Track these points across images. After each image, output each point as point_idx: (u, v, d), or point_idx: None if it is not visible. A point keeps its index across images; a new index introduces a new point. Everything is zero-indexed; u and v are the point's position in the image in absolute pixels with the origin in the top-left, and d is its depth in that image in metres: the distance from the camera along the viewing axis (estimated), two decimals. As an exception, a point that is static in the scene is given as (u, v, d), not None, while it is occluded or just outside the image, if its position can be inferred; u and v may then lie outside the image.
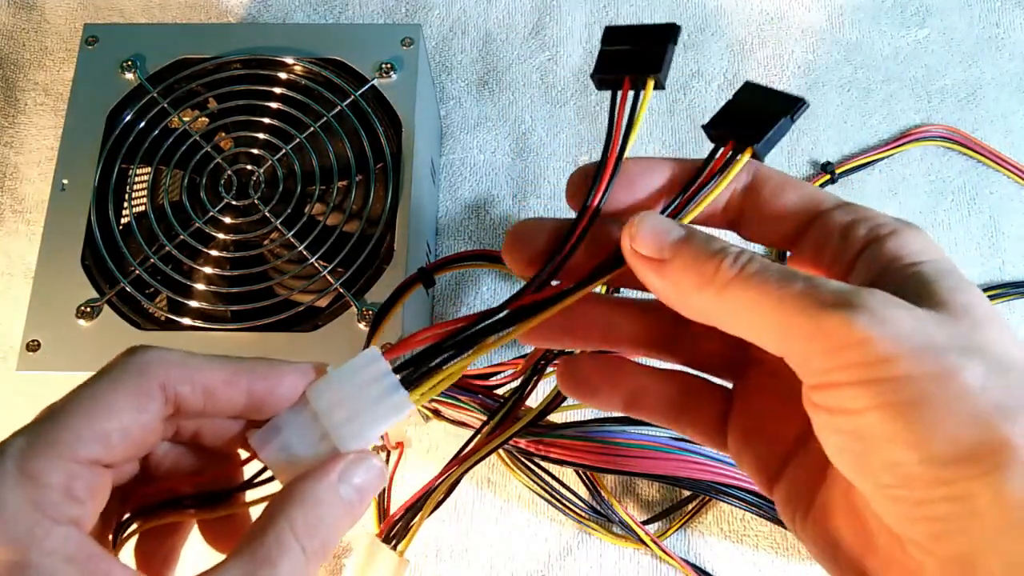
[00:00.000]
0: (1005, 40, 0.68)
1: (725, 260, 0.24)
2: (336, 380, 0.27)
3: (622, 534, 0.53)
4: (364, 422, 0.26)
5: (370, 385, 0.26)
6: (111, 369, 0.25)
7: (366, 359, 0.27)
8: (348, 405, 0.26)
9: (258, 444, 0.26)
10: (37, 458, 0.23)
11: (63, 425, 0.24)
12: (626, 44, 0.28)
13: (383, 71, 0.54)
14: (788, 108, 0.27)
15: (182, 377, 0.26)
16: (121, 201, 0.52)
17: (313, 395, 0.27)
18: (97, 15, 0.70)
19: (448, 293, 0.61)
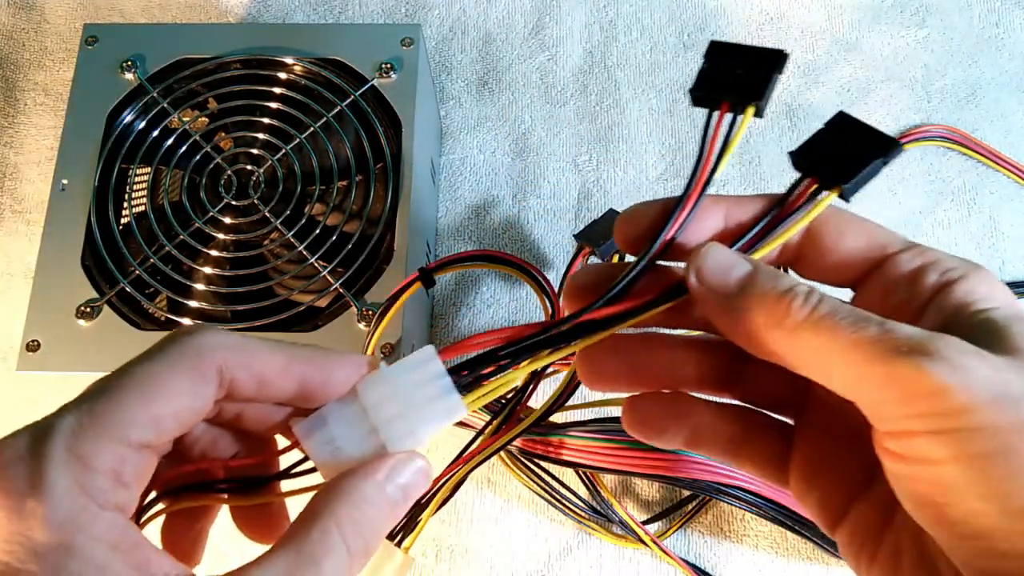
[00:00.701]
0: (1005, 40, 0.68)
1: (794, 300, 0.23)
2: (389, 376, 0.26)
3: (622, 534, 0.53)
4: (415, 422, 0.26)
5: (424, 385, 0.26)
6: (167, 349, 0.24)
7: (421, 358, 0.26)
8: (399, 403, 0.26)
9: (303, 434, 0.26)
10: (88, 439, 0.22)
11: (116, 405, 0.23)
12: (729, 64, 0.27)
13: (383, 71, 0.54)
14: (883, 149, 0.26)
15: (239, 362, 0.25)
16: (121, 201, 0.52)
17: (364, 389, 0.26)
18: (97, 15, 0.70)
19: (448, 293, 0.61)
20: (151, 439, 0.23)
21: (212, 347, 0.25)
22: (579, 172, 0.64)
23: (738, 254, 0.25)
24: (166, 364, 0.24)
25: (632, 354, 0.28)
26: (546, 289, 0.46)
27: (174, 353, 0.24)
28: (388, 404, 0.26)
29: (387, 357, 0.47)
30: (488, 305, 0.60)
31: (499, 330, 0.27)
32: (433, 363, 0.26)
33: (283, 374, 0.26)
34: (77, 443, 0.22)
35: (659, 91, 0.67)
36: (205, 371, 0.24)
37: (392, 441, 0.26)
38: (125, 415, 0.23)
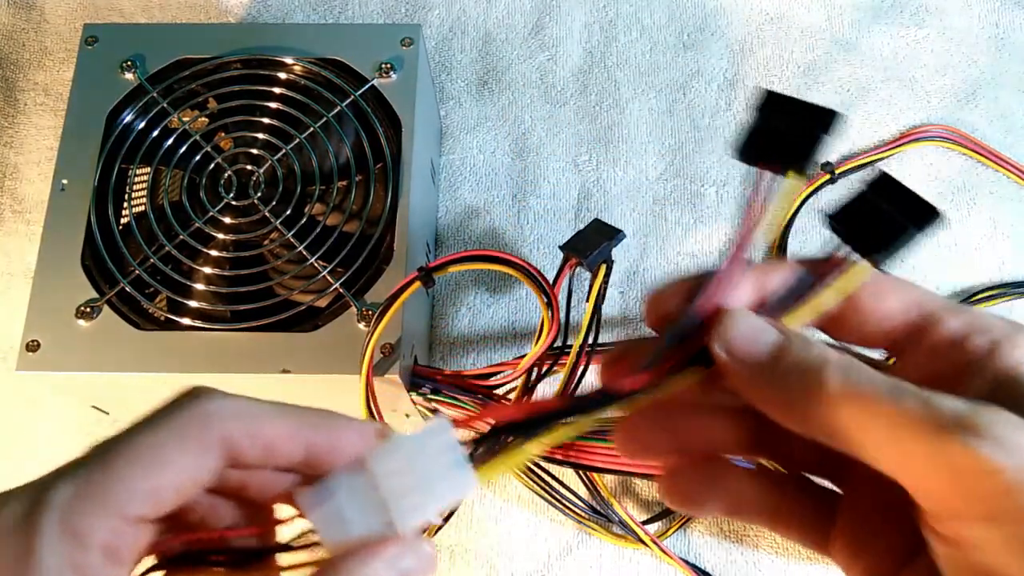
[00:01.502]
0: (1005, 40, 0.68)
1: (828, 372, 0.22)
2: (400, 447, 0.25)
3: (622, 534, 0.53)
4: (425, 496, 0.25)
5: (436, 457, 0.25)
6: (170, 416, 0.23)
7: (435, 428, 0.25)
8: (410, 475, 0.25)
9: (309, 505, 0.25)
10: (84, 514, 0.21)
11: (115, 478, 0.22)
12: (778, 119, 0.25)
13: (383, 71, 0.54)
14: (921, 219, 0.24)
15: (245, 431, 0.24)
16: (121, 201, 0.52)
17: (375, 460, 0.25)
18: (97, 15, 0.70)
19: (448, 293, 0.61)
20: (149, 513, 0.22)
21: (218, 416, 0.24)
22: (579, 172, 0.64)
23: (767, 321, 0.24)
24: (168, 434, 0.23)
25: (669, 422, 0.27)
26: (546, 289, 0.46)
27: (177, 422, 0.23)
28: (399, 476, 0.25)
29: (386, 357, 0.47)
30: (488, 305, 0.60)
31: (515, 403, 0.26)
32: (446, 434, 0.25)
33: (290, 441, 0.25)
34: (72, 517, 0.21)
35: (659, 91, 0.67)
36: (209, 442, 0.23)
37: (402, 516, 0.25)
38: (123, 488, 0.22)
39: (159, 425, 0.23)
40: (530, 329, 0.60)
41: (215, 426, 0.23)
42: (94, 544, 0.21)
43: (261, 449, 0.24)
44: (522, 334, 0.60)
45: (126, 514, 0.22)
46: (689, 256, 0.61)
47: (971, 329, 0.23)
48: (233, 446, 0.24)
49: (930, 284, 0.60)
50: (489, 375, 0.50)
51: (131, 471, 0.22)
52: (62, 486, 0.21)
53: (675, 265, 0.61)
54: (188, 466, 0.23)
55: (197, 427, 0.23)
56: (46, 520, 0.21)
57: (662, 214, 0.63)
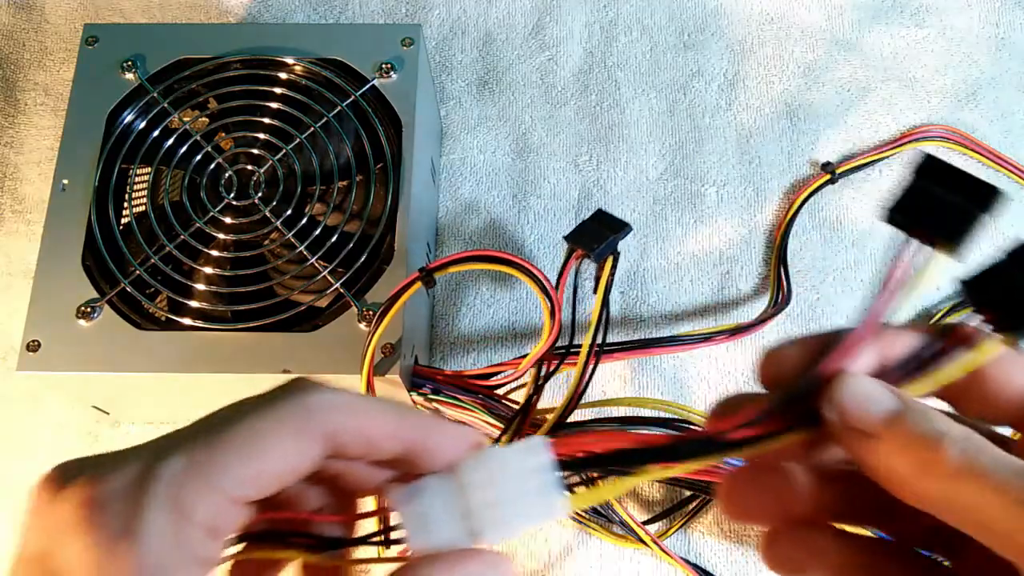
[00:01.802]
0: (1005, 40, 0.68)
1: (948, 446, 0.21)
2: (495, 459, 0.25)
3: (622, 534, 0.53)
4: (512, 513, 0.25)
5: (529, 476, 0.25)
6: (277, 404, 0.24)
7: (532, 447, 0.25)
8: (500, 489, 0.25)
9: (398, 502, 0.25)
10: (190, 489, 0.22)
11: (222, 458, 0.22)
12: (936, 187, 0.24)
13: (383, 71, 0.54)
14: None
15: (349, 425, 0.24)
16: (121, 201, 0.52)
17: (467, 468, 0.25)
18: (97, 15, 0.70)
19: (449, 293, 0.61)
20: (250, 495, 0.23)
21: (324, 408, 0.24)
22: (579, 172, 0.64)
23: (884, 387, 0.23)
24: (275, 421, 0.23)
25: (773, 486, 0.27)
26: (546, 289, 0.46)
27: (284, 411, 0.24)
28: (488, 488, 0.25)
29: (387, 357, 0.47)
30: (488, 305, 0.60)
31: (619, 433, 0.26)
32: (543, 454, 0.25)
33: (390, 438, 0.25)
34: (179, 491, 0.21)
35: (659, 91, 0.67)
36: (313, 433, 0.24)
37: (485, 528, 0.25)
38: (229, 469, 0.22)
39: (266, 412, 0.23)
40: (530, 329, 0.60)
41: (320, 418, 0.24)
42: (197, 519, 0.22)
43: (362, 443, 0.25)
44: (522, 334, 0.60)
45: (229, 494, 0.22)
46: (689, 256, 0.61)
47: None
48: (336, 438, 0.24)
49: (930, 284, 0.60)
50: (490, 375, 0.50)
51: (237, 454, 0.22)
52: (171, 459, 0.22)
53: (675, 265, 0.61)
54: (291, 454, 0.23)
55: (301, 418, 0.24)
56: (155, 491, 0.21)
57: (662, 214, 0.63)
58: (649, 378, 0.58)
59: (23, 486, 0.24)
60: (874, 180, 0.64)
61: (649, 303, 0.60)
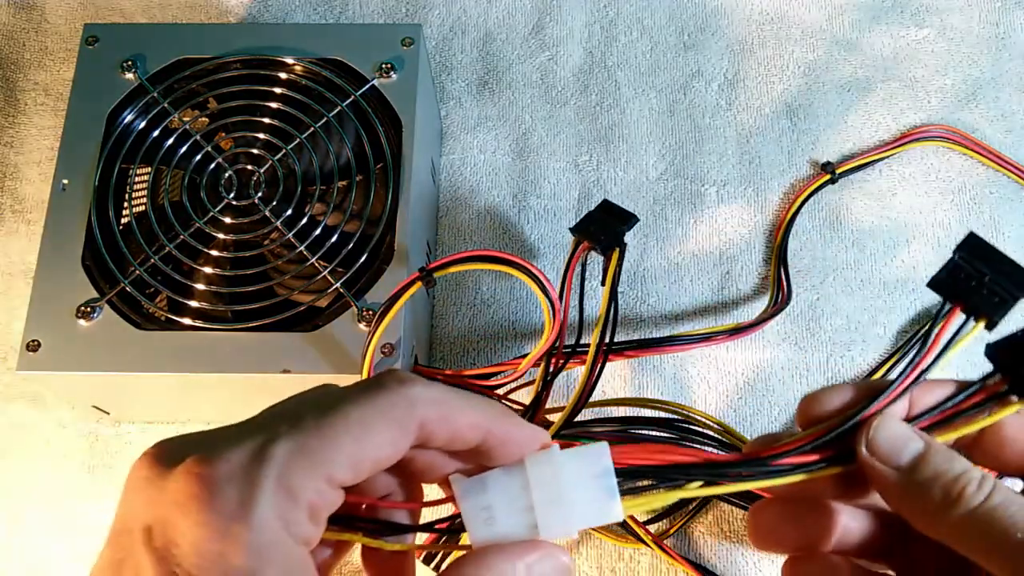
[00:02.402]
0: (1005, 40, 0.68)
1: (968, 486, 0.23)
2: (559, 460, 0.26)
3: (622, 534, 0.53)
4: (572, 513, 0.26)
5: (590, 479, 0.26)
6: (379, 395, 0.25)
7: (596, 452, 0.26)
8: (561, 489, 0.26)
9: (462, 493, 0.26)
10: (298, 473, 0.22)
11: (331, 444, 0.23)
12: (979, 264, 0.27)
13: (383, 71, 0.54)
14: None
15: (441, 417, 0.25)
16: (121, 201, 0.52)
17: (532, 466, 0.26)
18: (97, 15, 0.70)
19: (449, 293, 0.61)
20: (350, 479, 0.24)
21: (421, 401, 0.25)
22: (579, 172, 0.64)
23: (913, 429, 0.25)
24: (378, 411, 0.24)
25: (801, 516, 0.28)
26: (546, 289, 0.46)
27: (386, 402, 0.24)
28: (550, 487, 0.26)
29: (387, 357, 0.47)
30: (488, 305, 0.60)
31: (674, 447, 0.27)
32: (604, 459, 0.26)
33: (473, 430, 0.26)
34: (288, 474, 0.22)
35: (659, 91, 0.67)
36: (410, 424, 0.25)
37: (545, 526, 0.26)
38: (334, 455, 0.23)
39: (369, 402, 0.24)
40: (530, 329, 0.60)
41: (417, 410, 0.25)
42: (302, 502, 0.22)
43: (448, 435, 0.26)
44: (522, 334, 0.60)
45: (332, 478, 0.23)
46: (689, 256, 0.62)
47: None
48: (426, 429, 0.25)
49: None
50: (490, 375, 0.50)
51: (342, 441, 0.23)
52: (282, 442, 0.23)
53: (675, 265, 0.61)
54: (388, 442, 0.24)
55: (402, 409, 0.24)
56: (267, 474, 0.22)
57: (662, 214, 0.63)
58: (649, 378, 0.58)
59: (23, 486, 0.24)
60: (874, 180, 0.64)
61: (649, 303, 0.60)
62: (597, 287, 0.48)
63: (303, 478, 0.22)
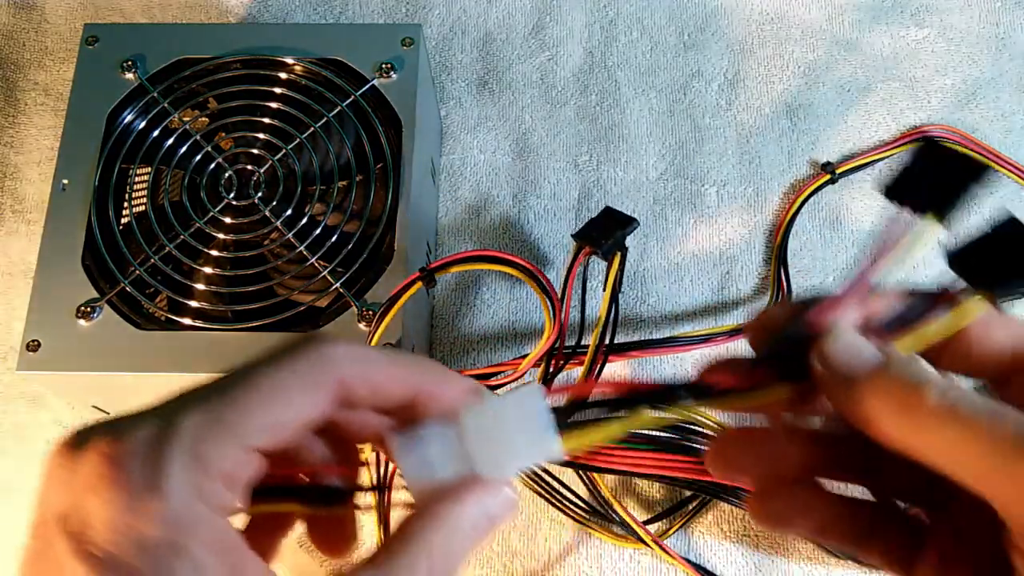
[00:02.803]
0: (1005, 40, 0.68)
1: (927, 388, 0.22)
2: (492, 407, 0.26)
3: (622, 534, 0.53)
4: (510, 455, 0.26)
5: (526, 420, 0.26)
6: (291, 356, 0.24)
7: (528, 393, 0.26)
8: (498, 434, 0.26)
9: (400, 449, 0.26)
10: (209, 441, 0.22)
11: (241, 410, 0.23)
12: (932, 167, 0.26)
13: (383, 71, 0.54)
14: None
15: (360, 374, 0.25)
16: (121, 201, 0.52)
17: (467, 415, 0.26)
18: (97, 15, 0.70)
19: (449, 293, 0.61)
20: (267, 445, 0.23)
21: (337, 359, 0.25)
22: (579, 172, 0.64)
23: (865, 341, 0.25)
24: (290, 372, 0.24)
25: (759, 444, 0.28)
26: (547, 289, 0.46)
27: (299, 361, 0.24)
28: (487, 434, 0.26)
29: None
30: (488, 305, 0.60)
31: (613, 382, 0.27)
32: (538, 400, 0.26)
33: (398, 385, 0.26)
34: (198, 444, 0.22)
35: (659, 91, 0.67)
36: (327, 383, 0.24)
37: (485, 469, 0.26)
38: (246, 420, 0.23)
39: (281, 364, 0.24)
40: (530, 329, 0.60)
41: (333, 368, 0.24)
42: (216, 471, 0.22)
43: (370, 392, 0.25)
44: (522, 334, 0.60)
45: (247, 445, 0.23)
46: (689, 256, 0.62)
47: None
48: (346, 387, 0.25)
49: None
50: (489, 375, 0.50)
51: (255, 405, 0.23)
52: (190, 413, 0.22)
53: (675, 265, 0.61)
54: (306, 404, 0.24)
55: (317, 368, 0.24)
56: (176, 445, 0.22)
57: (662, 214, 0.63)
58: (649, 378, 0.58)
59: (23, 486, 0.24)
60: (874, 180, 0.64)
61: (649, 303, 0.60)
62: (598, 288, 0.49)
63: (214, 446, 0.22)
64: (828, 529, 0.28)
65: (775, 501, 0.28)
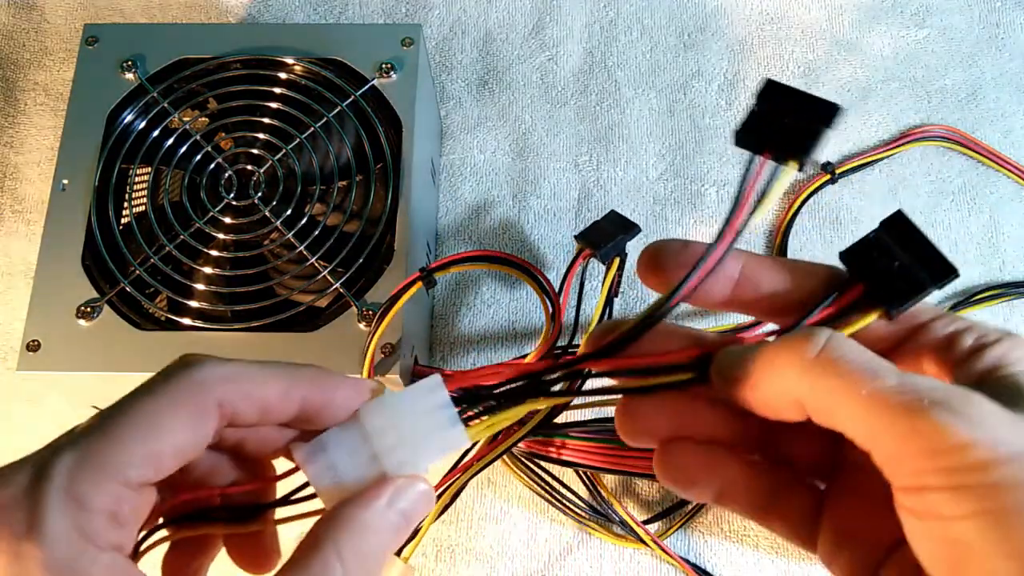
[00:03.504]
0: (1005, 40, 0.68)
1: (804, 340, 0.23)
2: (392, 403, 0.26)
3: (622, 534, 0.53)
4: (417, 450, 0.25)
5: (428, 414, 0.26)
6: (166, 383, 0.24)
7: (427, 386, 0.26)
8: (402, 430, 0.25)
9: (303, 460, 0.26)
10: (85, 481, 0.22)
11: (115, 445, 0.23)
12: (780, 109, 0.26)
13: (383, 71, 0.54)
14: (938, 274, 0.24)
15: (240, 392, 0.25)
16: (121, 201, 0.52)
17: (366, 415, 0.26)
18: (97, 15, 0.70)
19: (448, 293, 0.61)
20: (149, 477, 0.23)
21: (212, 381, 0.24)
22: (579, 172, 0.64)
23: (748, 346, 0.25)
24: (165, 400, 0.24)
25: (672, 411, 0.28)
26: (546, 289, 0.46)
27: (173, 389, 0.24)
28: (390, 431, 0.25)
29: (387, 357, 0.47)
30: (488, 305, 0.60)
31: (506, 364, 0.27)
32: (439, 392, 0.26)
33: (284, 399, 0.26)
34: (74, 485, 0.22)
35: (659, 91, 0.67)
36: (205, 406, 0.24)
37: (393, 468, 0.25)
38: (122, 454, 0.23)
39: (154, 392, 0.24)
40: (530, 329, 0.60)
41: (210, 390, 0.24)
42: (97, 508, 0.22)
43: (256, 409, 0.25)
44: (522, 334, 0.60)
45: (126, 479, 0.23)
46: (689, 256, 0.61)
47: (959, 331, 0.24)
48: (228, 408, 0.25)
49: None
50: (489, 375, 0.50)
51: (129, 438, 0.23)
52: (64, 455, 0.22)
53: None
54: (185, 430, 0.24)
55: (192, 393, 0.24)
56: (50, 488, 0.22)
57: (662, 214, 0.63)
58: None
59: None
60: (874, 180, 0.64)
61: (649, 303, 0.60)
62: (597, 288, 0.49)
63: (91, 485, 0.22)
64: (730, 493, 0.28)
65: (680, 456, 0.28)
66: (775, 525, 0.28)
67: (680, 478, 0.28)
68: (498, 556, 0.54)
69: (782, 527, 0.28)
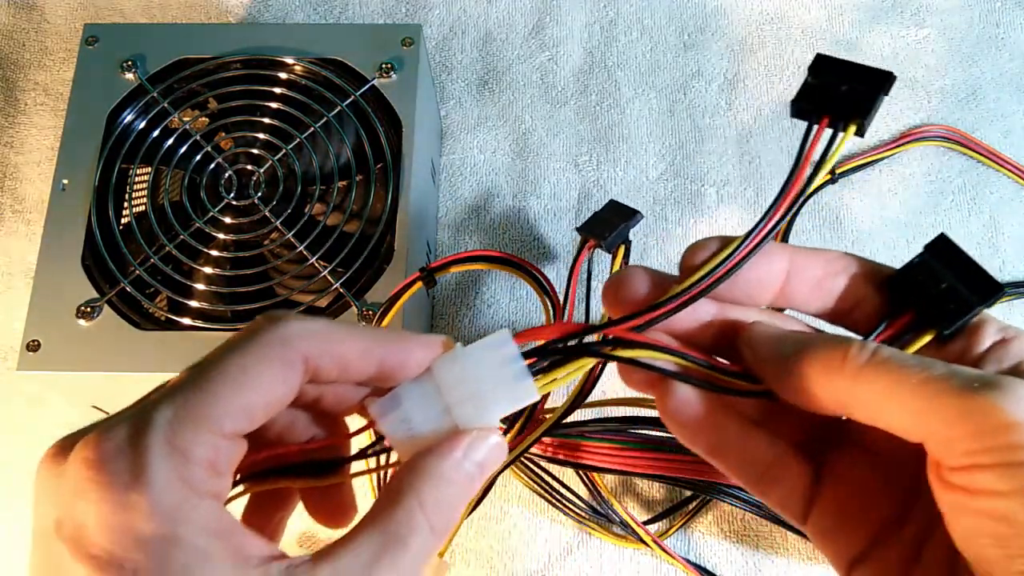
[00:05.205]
0: (1005, 40, 0.68)
1: (852, 348, 0.24)
2: (463, 357, 0.27)
3: (622, 534, 0.53)
4: (488, 402, 0.26)
5: (498, 367, 0.26)
6: (255, 339, 0.25)
7: (497, 341, 0.26)
8: (473, 384, 0.26)
9: (378, 414, 0.26)
10: (185, 431, 0.23)
11: (211, 398, 0.23)
12: (835, 79, 0.27)
13: (383, 71, 0.54)
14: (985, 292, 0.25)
15: (324, 349, 0.25)
16: (121, 201, 0.52)
17: (439, 369, 0.26)
18: (97, 15, 0.70)
19: (449, 293, 0.61)
20: (243, 428, 0.24)
21: (299, 336, 0.25)
22: (579, 172, 0.64)
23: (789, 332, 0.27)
24: (255, 355, 0.24)
25: None
26: (547, 289, 0.46)
27: (262, 344, 0.25)
28: (462, 384, 0.26)
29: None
30: (488, 305, 0.60)
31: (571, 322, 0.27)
32: (508, 346, 0.26)
33: (364, 357, 0.26)
34: (175, 436, 0.23)
35: (659, 91, 0.67)
36: (293, 360, 0.25)
37: (465, 421, 0.26)
38: (219, 407, 0.23)
39: (246, 348, 0.25)
40: (530, 329, 0.60)
41: (296, 345, 0.25)
42: (197, 458, 0.23)
43: (338, 365, 0.26)
44: (522, 334, 0.60)
45: (222, 430, 0.23)
46: (689, 256, 0.61)
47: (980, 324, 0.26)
48: (312, 363, 0.25)
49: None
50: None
51: (224, 392, 0.24)
52: (162, 408, 0.23)
53: (675, 265, 0.61)
54: (275, 383, 0.24)
55: (280, 347, 0.25)
56: (153, 439, 0.22)
57: (662, 214, 0.63)
58: None
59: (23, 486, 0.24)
60: (874, 180, 0.64)
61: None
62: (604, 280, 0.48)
63: (190, 434, 0.23)
64: (726, 450, 0.29)
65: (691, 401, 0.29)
66: (768, 495, 0.29)
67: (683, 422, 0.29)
68: (498, 556, 0.54)
69: (775, 499, 0.29)
